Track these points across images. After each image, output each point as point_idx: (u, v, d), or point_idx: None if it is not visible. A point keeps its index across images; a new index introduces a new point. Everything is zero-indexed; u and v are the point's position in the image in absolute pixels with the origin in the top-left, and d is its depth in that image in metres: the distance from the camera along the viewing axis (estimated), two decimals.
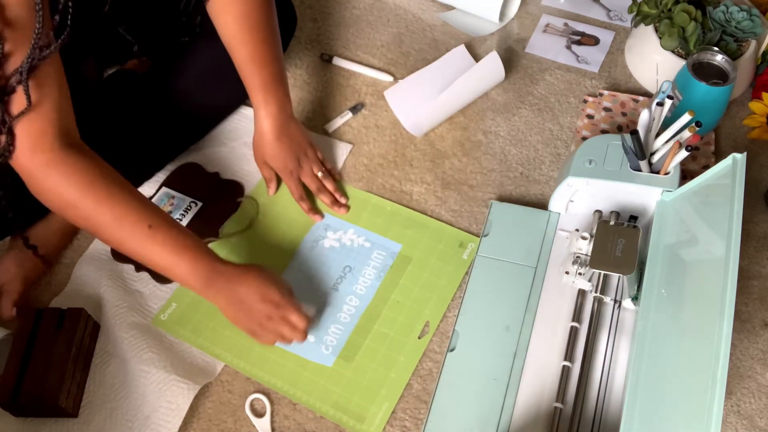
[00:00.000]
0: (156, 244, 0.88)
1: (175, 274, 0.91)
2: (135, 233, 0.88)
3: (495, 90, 1.26)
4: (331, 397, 0.96)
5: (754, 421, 0.94)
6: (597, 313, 0.97)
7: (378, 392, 0.96)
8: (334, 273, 1.06)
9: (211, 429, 0.95)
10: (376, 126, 1.23)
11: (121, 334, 0.99)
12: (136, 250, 0.89)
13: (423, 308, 1.02)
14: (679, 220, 0.94)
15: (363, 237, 1.09)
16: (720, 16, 1.17)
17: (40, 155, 0.82)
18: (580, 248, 0.97)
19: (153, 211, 0.90)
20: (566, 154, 1.18)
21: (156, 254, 0.89)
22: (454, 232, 1.09)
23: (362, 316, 1.02)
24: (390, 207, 1.12)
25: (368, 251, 1.08)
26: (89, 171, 0.86)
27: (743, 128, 1.21)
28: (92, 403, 0.95)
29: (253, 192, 1.14)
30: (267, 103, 1.05)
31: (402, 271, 1.06)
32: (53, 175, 0.84)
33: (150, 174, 1.15)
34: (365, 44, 1.34)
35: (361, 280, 1.05)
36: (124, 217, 0.87)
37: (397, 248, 1.08)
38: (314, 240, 1.09)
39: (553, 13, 1.37)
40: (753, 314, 1.02)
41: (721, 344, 0.73)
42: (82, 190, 0.85)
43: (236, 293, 0.92)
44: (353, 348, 1.00)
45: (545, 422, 0.90)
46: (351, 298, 1.04)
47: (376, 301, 1.03)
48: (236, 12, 1.01)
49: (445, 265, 1.06)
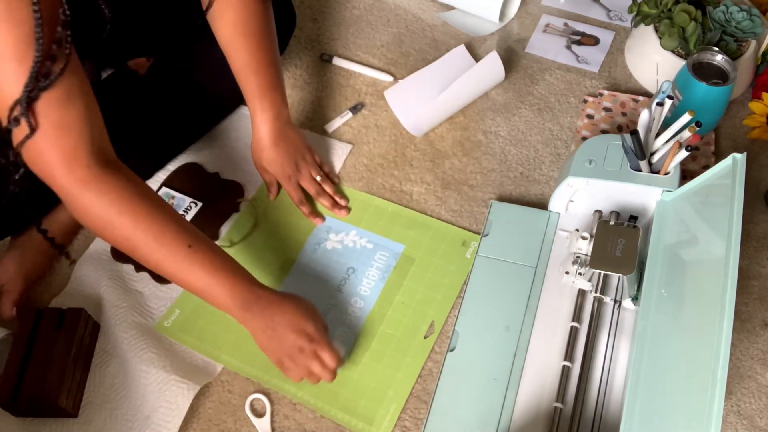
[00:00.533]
0: (195, 265, 0.86)
1: (213, 296, 0.88)
2: (175, 253, 0.86)
3: (495, 90, 1.26)
4: (339, 399, 0.96)
5: (754, 421, 0.94)
6: (597, 313, 0.97)
7: (385, 394, 0.96)
8: (337, 275, 1.06)
9: (211, 429, 0.95)
10: (376, 126, 1.23)
11: (121, 334, 0.99)
12: (175, 270, 0.87)
13: (428, 308, 1.02)
14: (679, 220, 0.94)
15: (365, 238, 1.09)
16: (720, 16, 1.17)
17: (76, 171, 0.80)
18: (580, 248, 0.97)
19: (192, 231, 0.88)
20: (566, 154, 1.18)
21: (194, 275, 0.87)
22: (456, 231, 1.09)
23: (367, 318, 1.02)
24: (391, 208, 1.12)
25: (371, 252, 1.08)
26: (127, 189, 0.84)
27: (743, 128, 1.21)
28: (92, 403, 0.95)
29: (254, 197, 1.14)
30: (263, 109, 1.06)
31: (406, 272, 1.06)
32: (90, 192, 0.82)
33: (150, 174, 1.15)
34: (365, 44, 1.34)
35: (365, 282, 1.05)
36: (163, 236, 0.85)
37: (399, 249, 1.08)
38: (317, 242, 1.09)
39: (553, 13, 1.38)
40: (753, 314, 1.02)
41: (721, 344, 0.73)
42: (120, 209, 0.83)
43: (272, 320, 0.89)
44: (359, 350, 0.99)
45: (545, 422, 0.90)
46: (356, 300, 1.04)
47: (381, 303, 1.03)
48: (232, 18, 1.00)
49: (448, 264, 1.06)
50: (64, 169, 0.80)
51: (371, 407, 0.95)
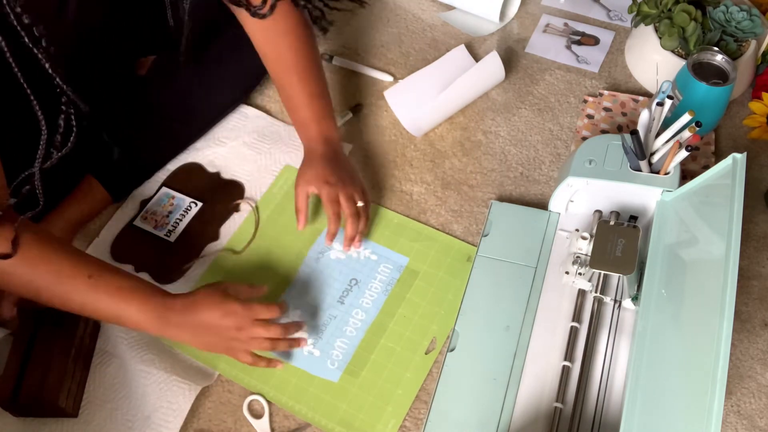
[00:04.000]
0: (99, 293, 0.85)
1: (126, 320, 0.87)
2: (76, 286, 0.84)
3: (495, 90, 1.26)
4: (337, 413, 0.94)
5: (754, 421, 0.94)
6: (597, 313, 0.97)
7: (384, 409, 0.95)
8: (340, 286, 1.05)
9: (211, 429, 0.95)
10: (376, 126, 1.23)
11: (121, 334, 0.99)
12: (82, 304, 0.86)
13: (430, 323, 1.01)
14: (679, 220, 0.94)
15: (369, 249, 1.08)
16: (720, 16, 1.17)
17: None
18: (580, 248, 0.97)
19: (91, 261, 0.87)
20: (566, 154, 1.18)
21: (101, 303, 0.85)
22: (462, 245, 1.08)
23: (368, 330, 1.01)
24: (397, 219, 1.11)
25: (375, 264, 1.07)
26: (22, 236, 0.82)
27: (743, 128, 1.21)
28: (92, 403, 0.95)
29: (258, 204, 1.13)
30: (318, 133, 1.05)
31: (409, 285, 1.05)
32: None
33: (150, 174, 1.15)
34: (365, 44, 1.34)
35: (368, 294, 1.04)
36: (61, 272, 0.84)
37: (404, 261, 1.07)
38: (320, 251, 1.08)
39: (553, 13, 1.38)
40: (753, 314, 1.02)
41: (721, 344, 0.73)
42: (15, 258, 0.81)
43: (195, 320, 0.88)
44: (359, 363, 0.98)
45: (545, 422, 0.90)
46: (357, 312, 1.03)
47: (383, 316, 1.02)
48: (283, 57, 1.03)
49: (453, 279, 1.04)
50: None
51: (369, 422, 0.94)
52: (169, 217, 1.11)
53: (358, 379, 0.97)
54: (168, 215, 1.11)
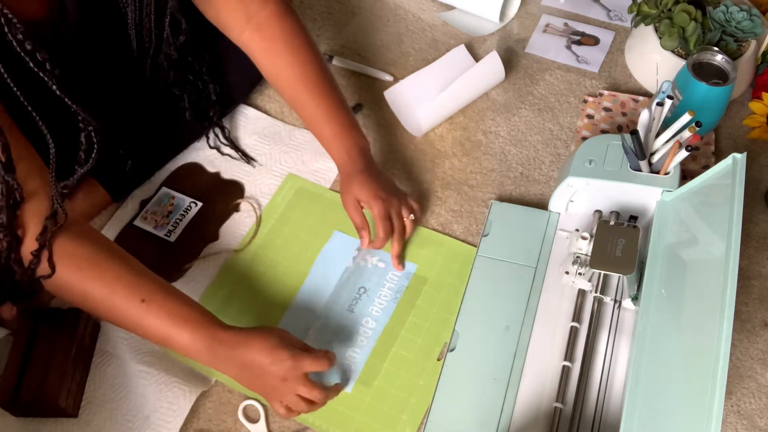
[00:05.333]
0: (149, 319, 0.85)
1: (174, 346, 0.86)
2: (128, 309, 0.85)
3: (495, 90, 1.26)
4: (352, 424, 0.93)
5: (754, 421, 0.94)
6: (597, 313, 0.97)
7: (399, 418, 0.94)
8: (348, 294, 1.04)
9: (211, 429, 0.95)
10: (376, 126, 1.23)
11: (121, 334, 0.99)
12: (133, 327, 0.87)
13: (441, 329, 1.00)
14: (679, 220, 0.94)
15: (377, 257, 1.07)
16: (720, 16, 1.17)
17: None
18: (580, 248, 0.97)
19: (146, 282, 0.87)
20: (566, 154, 1.18)
21: (151, 328, 0.85)
22: (470, 250, 1.07)
23: (379, 339, 1.00)
24: None
25: (383, 272, 1.06)
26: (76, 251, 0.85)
27: (743, 128, 1.21)
28: (92, 403, 0.95)
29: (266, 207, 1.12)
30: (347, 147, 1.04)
31: (418, 292, 1.04)
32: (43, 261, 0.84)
33: (150, 174, 1.15)
34: (365, 44, 1.34)
35: (377, 302, 1.03)
36: (114, 293, 0.85)
37: (412, 269, 1.06)
38: (326, 260, 1.07)
39: (553, 13, 1.38)
40: (753, 314, 1.02)
41: (721, 344, 0.73)
42: (71, 272, 0.84)
43: (244, 359, 0.86)
44: (372, 372, 0.97)
45: (545, 422, 0.90)
46: (367, 320, 1.02)
47: (393, 323, 1.01)
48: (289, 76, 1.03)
49: (462, 284, 1.03)
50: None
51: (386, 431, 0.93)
52: (169, 217, 1.11)
53: (371, 389, 0.96)
54: (168, 215, 1.11)
